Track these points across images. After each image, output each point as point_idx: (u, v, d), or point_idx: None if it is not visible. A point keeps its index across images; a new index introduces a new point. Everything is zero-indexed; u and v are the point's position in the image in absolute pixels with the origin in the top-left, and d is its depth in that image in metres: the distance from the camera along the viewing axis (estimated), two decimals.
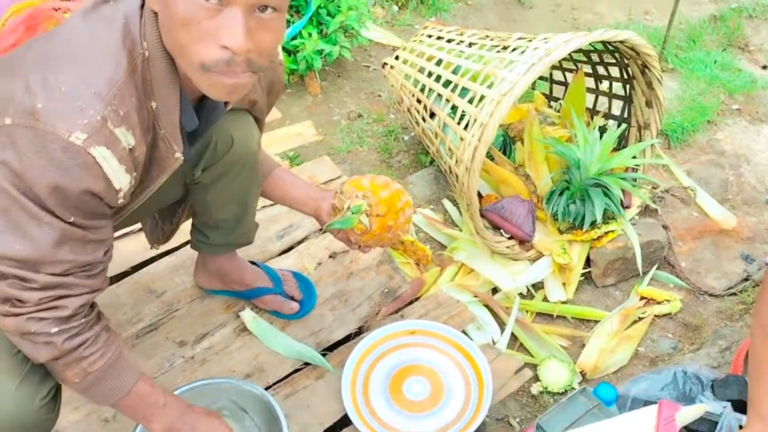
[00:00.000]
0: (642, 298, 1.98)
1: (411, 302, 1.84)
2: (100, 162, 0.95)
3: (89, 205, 0.98)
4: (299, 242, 1.93)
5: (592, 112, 2.31)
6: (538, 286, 1.98)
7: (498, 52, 1.89)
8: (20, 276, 0.98)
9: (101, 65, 0.95)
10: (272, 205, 1.99)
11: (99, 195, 0.98)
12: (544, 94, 2.44)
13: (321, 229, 1.48)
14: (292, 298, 1.70)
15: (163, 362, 1.59)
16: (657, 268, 2.06)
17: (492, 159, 2.16)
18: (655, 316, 1.95)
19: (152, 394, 1.21)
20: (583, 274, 2.00)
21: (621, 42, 1.81)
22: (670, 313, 1.97)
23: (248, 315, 1.67)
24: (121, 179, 0.99)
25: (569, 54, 1.81)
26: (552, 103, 2.44)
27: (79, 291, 1.04)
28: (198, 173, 1.39)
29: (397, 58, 2.27)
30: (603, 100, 2.29)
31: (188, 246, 1.68)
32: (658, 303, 1.98)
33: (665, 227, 2.11)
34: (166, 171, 1.10)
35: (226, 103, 1.17)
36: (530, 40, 1.86)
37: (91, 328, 1.08)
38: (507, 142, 2.25)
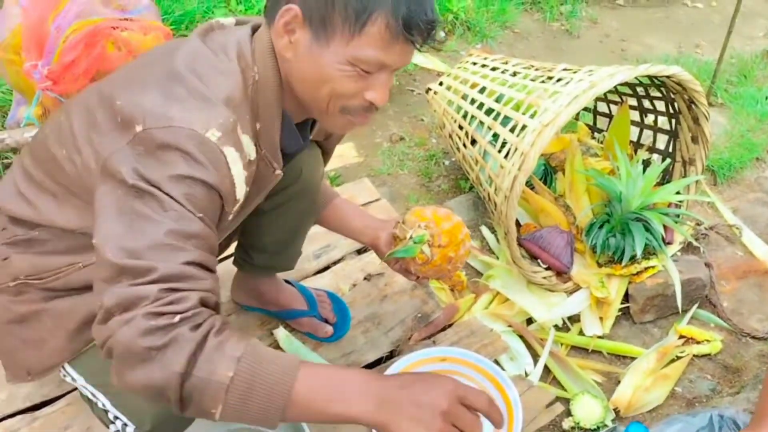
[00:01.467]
0: (681, 336, 1.94)
1: (444, 328, 1.84)
2: (230, 163, 0.98)
3: (210, 206, 0.98)
4: (335, 262, 1.95)
5: (636, 145, 2.28)
6: (575, 318, 1.96)
7: (542, 82, 1.90)
8: (136, 267, 0.88)
9: (225, 80, 1.01)
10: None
11: (222, 196, 0.99)
12: (587, 125, 2.43)
13: (381, 259, 1.49)
14: (327, 321, 1.71)
15: None
16: (698, 307, 2.02)
17: (532, 188, 2.15)
18: (694, 356, 1.90)
19: (325, 373, 0.93)
20: (620, 309, 1.97)
21: (667, 77, 1.79)
22: (709, 354, 1.92)
23: (282, 333, 1.69)
24: (241, 188, 1.02)
25: (614, 86, 1.80)
26: (595, 134, 2.42)
27: (197, 284, 0.91)
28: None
29: (441, 83, 2.29)
30: (648, 134, 2.27)
31: (229, 260, 1.71)
32: (698, 342, 1.93)
33: (708, 265, 2.07)
34: (266, 188, 1.15)
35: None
36: (575, 72, 1.86)
37: (215, 318, 0.92)
38: (548, 172, 2.24)
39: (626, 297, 1.98)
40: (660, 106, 2.15)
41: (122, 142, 0.96)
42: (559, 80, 1.85)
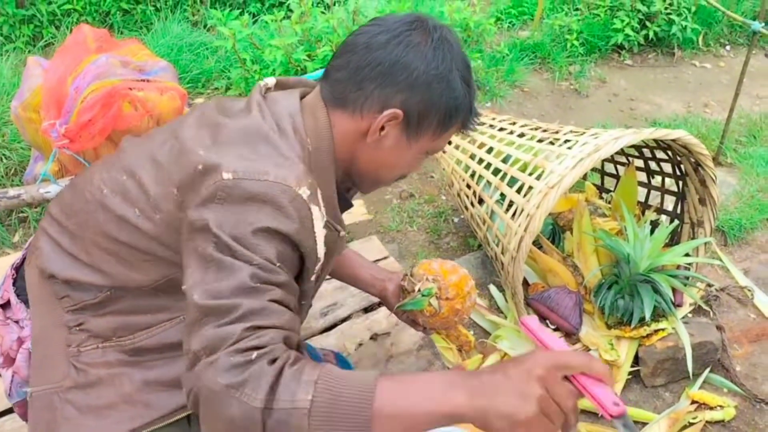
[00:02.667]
0: (693, 401, 1.90)
1: None
2: (315, 221, 1.02)
3: (294, 262, 1.02)
4: (342, 320, 1.94)
5: (644, 206, 2.28)
6: None
7: (549, 143, 1.92)
8: (221, 306, 0.90)
9: (292, 149, 1.05)
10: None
11: (305, 253, 1.02)
12: (595, 185, 2.44)
13: (390, 311, 1.52)
14: None
15: None
16: (710, 371, 1.98)
17: (540, 247, 2.15)
18: (707, 422, 1.85)
19: (405, 379, 0.89)
20: (631, 373, 1.94)
21: (673, 140, 1.81)
22: (723, 420, 1.87)
23: None
24: (321, 247, 1.05)
25: (620, 148, 1.82)
26: (603, 194, 2.43)
27: (278, 322, 0.92)
28: None
29: (449, 143, 2.32)
30: (655, 195, 2.27)
31: None
32: (711, 408, 1.88)
33: (719, 328, 2.04)
34: (336, 252, 1.20)
35: None
36: (581, 134, 1.88)
37: (290, 352, 0.91)
38: (556, 231, 2.24)
39: (636, 360, 1.95)
40: (667, 167, 2.16)
41: (205, 189, 0.99)
42: (565, 142, 1.87)
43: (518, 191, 1.84)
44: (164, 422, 1.15)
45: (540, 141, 1.97)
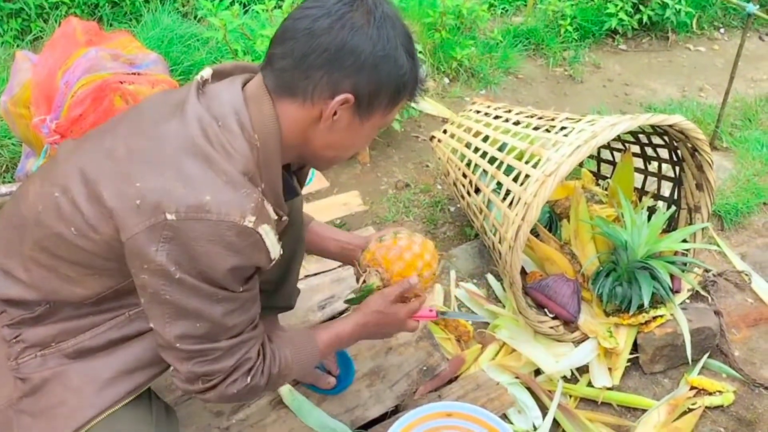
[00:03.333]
0: (692, 387, 1.90)
1: (450, 381, 1.81)
2: (264, 238, 1.06)
3: (252, 274, 1.12)
4: (341, 313, 1.93)
5: (641, 192, 2.27)
6: (583, 369, 1.92)
7: (545, 131, 1.91)
8: (203, 350, 1.08)
9: (239, 154, 1.05)
10: (315, 274, 2.02)
11: (262, 266, 1.11)
12: (591, 172, 2.43)
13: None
14: (329, 372, 1.69)
15: None
16: (709, 357, 1.98)
17: (537, 235, 2.15)
18: (706, 407, 1.86)
19: (333, 334, 1.33)
20: (629, 360, 1.94)
21: (670, 126, 1.80)
22: (722, 405, 1.87)
23: (285, 388, 1.66)
24: (275, 250, 1.11)
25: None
26: (600, 181, 2.42)
27: (254, 342, 1.16)
28: None
29: (444, 132, 2.31)
30: (652, 181, 2.26)
31: None
32: (710, 394, 1.89)
33: (717, 313, 2.03)
34: (288, 233, 1.28)
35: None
36: (577, 121, 1.87)
37: (267, 354, 1.20)
38: (553, 219, 2.23)
39: (635, 347, 1.95)
40: (663, 153, 2.15)
41: (147, 224, 0.99)
42: (561, 129, 1.86)
43: (515, 180, 1.83)
44: (120, 404, 1.16)
45: (536, 128, 1.95)
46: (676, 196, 2.14)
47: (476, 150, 2.07)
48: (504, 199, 1.85)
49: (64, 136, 1.95)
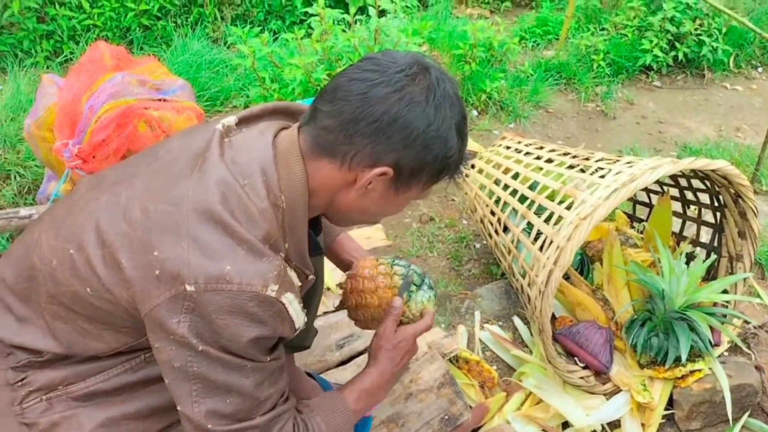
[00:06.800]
0: None
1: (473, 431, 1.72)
2: (288, 307, 1.01)
3: (277, 344, 1.06)
4: (359, 353, 1.85)
5: (679, 237, 2.17)
6: (615, 424, 1.81)
7: (579, 171, 1.83)
8: (238, 430, 1.01)
9: (262, 218, 0.99)
10: (333, 312, 1.94)
11: (286, 336, 1.05)
12: (626, 213, 2.33)
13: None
14: None
15: None
16: (749, 416, 1.86)
17: (568, 278, 2.05)
18: None
19: (358, 389, 1.23)
20: (665, 416, 1.82)
21: (713, 170, 1.71)
22: None
23: None
24: (299, 318, 1.05)
25: None
26: (635, 223, 2.32)
27: (289, 415, 1.08)
28: None
29: (473, 167, 2.23)
30: (690, 224, 2.16)
31: None
32: None
33: (759, 368, 1.92)
34: (314, 291, 1.25)
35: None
36: (614, 162, 1.79)
37: (301, 426, 1.11)
38: (585, 261, 2.14)
39: (670, 402, 1.83)
40: (704, 198, 2.05)
41: (168, 295, 0.94)
42: (597, 171, 1.78)
43: (547, 221, 1.74)
44: None
45: (570, 167, 1.87)
46: (716, 243, 2.04)
47: (506, 187, 1.99)
48: (535, 240, 1.76)
49: (86, 161, 1.92)
